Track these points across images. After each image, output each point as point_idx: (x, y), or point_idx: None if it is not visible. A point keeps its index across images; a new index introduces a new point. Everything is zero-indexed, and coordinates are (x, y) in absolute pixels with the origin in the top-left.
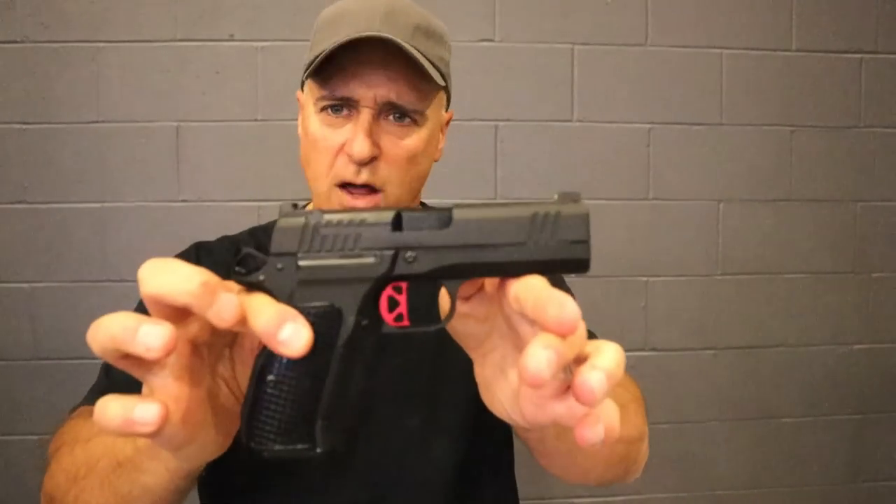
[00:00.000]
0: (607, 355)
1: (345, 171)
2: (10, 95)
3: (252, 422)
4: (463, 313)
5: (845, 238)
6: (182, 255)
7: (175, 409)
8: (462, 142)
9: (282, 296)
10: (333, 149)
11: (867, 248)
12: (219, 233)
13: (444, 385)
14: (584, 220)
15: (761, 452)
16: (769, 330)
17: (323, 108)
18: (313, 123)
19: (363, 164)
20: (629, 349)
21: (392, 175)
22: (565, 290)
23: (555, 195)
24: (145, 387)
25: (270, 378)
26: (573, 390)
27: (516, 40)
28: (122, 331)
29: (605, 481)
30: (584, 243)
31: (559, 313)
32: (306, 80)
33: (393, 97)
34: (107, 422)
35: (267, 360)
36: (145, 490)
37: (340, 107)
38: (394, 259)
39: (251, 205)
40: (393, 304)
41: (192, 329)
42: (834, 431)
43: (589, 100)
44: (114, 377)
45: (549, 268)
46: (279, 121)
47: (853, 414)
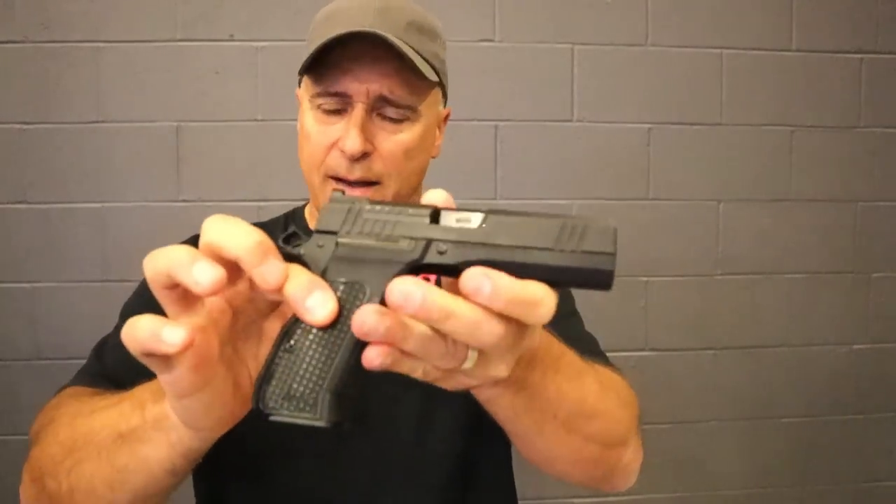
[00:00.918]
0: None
1: (337, 165)
2: (10, 95)
3: (264, 384)
4: None
5: (845, 238)
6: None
7: (194, 348)
8: (462, 142)
9: (316, 270)
10: (327, 143)
11: (867, 248)
12: None
13: None
14: (611, 233)
15: (761, 452)
16: (769, 330)
17: (318, 105)
18: (308, 119)
19: (356, 159)
20: (629, 349)
21: (388, 170)
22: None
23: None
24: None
25: (289, 343)
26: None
27: (516, 40)
28: (180, 261)
29: (580, 481)
30: (610, 255)
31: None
32: (302, 77)
33: (385, 92)
34: (135, 335)
35: (290, 326)
36: (142, 463)
37: (334, 103)
38: (426, 248)
39: (251, 205)
40: None
41: (237, 287)
42: (834, 431)
43: (589, 100)
44: (105, 361)
45: (572, 275)
46: (279, 121)
47: (853, 414)
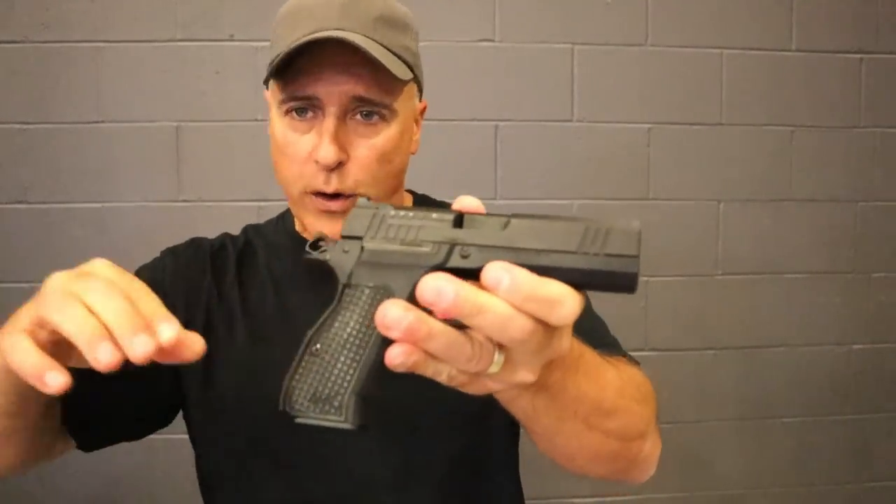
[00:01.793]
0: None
1: (314, 180)
2: (10, 95)
3: (290, 386)
4: None
5: (845, 238)
6: (151, 263)
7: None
8: (462, 142)
9: (342, 274)
10: (301, 156)
11: (867, 248)
12: (218, 233)
13: None
14: (635, 236)
15: (761, 452)
16: (769, 330)
17: (287, 111)
18: (278, 127)
19: (330, 169)
20: (629, 349)
21: (363, 177)
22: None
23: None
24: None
25: (315, 347)
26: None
27: (516, 40)
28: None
29: (601, 475)
30: (633, 258)
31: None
32: (269, 81)
33: (359, 93)
34: (22, 363)
35: (315, 331)
36: None
37: (305, 109)
38: (449, 251)
39: (251, 205)
40: None
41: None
42: (834, 431)
43: (589, 100)
44: None
45: (595, 278)
46: None
47: (853, 414)
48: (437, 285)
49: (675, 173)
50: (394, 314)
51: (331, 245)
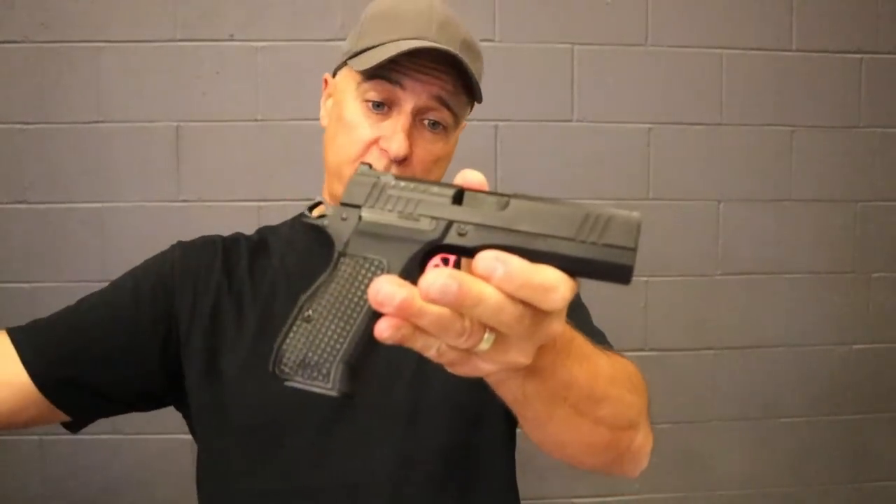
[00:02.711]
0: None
1: (376, 163)
2: (10, 95)
3: (280, 349)
4: None
5: (845, 238)
6: (160, 254)
7: None
8: (462, 142)
9: (339, 242)
10: (366, 139)
11: (867, 248)
12: (218, 233)
13: (435, 365)
14: (634, 228)
15: (761, 452)
16: (769, 330)
17: (365, 98)
18: (352, 110)
19: (397, 161)
20: (629, 349)
21: (419, 175)
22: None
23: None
24: None
25: (307, 313)
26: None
27: (516, 40)
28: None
29: (593, 466)
30: (630, 251)
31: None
32: (345, 68)
33: (435, 105)
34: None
35: (309, 297)
36: None
37: (381, 104)
38: (446, 228)
39: (251, 205)
40: None
41: None
42: (834, 431)
43: (589, 100)
44: (80, 309)
45: (591, 267)
46: (279, 121)
47: (853, 414)
48: (443, 284)
49: (675, 173)
50: (387, 290)
51: (330, 210)
